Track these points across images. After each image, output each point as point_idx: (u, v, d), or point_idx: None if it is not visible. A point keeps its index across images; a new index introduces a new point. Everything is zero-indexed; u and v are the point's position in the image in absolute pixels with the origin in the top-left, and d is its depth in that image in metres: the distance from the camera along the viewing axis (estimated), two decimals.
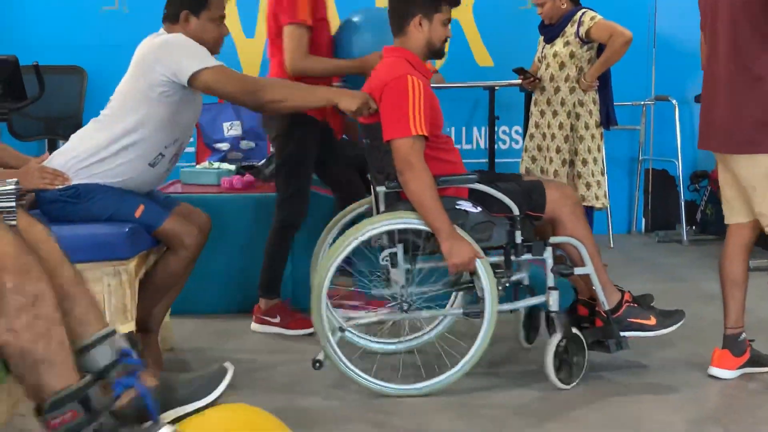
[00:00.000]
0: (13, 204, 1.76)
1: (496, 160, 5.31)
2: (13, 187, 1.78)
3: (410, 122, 2.72)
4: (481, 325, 2.84)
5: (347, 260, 2.93)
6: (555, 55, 4.38)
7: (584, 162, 4.39)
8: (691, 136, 6.32)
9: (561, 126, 4.39)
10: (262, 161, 4.31)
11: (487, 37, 5.91)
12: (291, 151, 3.51)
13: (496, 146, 5.32)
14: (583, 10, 4.35)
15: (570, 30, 4.34)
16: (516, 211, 2.85)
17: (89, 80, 5.42)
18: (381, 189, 2.88)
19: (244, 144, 4.69)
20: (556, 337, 2.88)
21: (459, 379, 2.87)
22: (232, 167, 4.30)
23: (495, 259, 2.89)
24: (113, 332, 1.86)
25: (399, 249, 2.84)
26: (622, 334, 2.94)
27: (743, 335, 3.03)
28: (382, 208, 2.92)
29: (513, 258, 2.89)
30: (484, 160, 5.44)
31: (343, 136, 4.00)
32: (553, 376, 2.87)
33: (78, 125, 5.34)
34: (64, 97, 5.28)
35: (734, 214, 3.05)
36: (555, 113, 4.41)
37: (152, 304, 2.94)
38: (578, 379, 2.91)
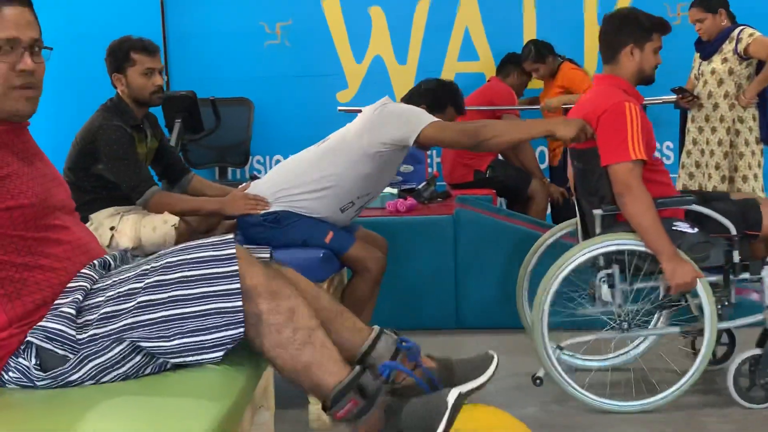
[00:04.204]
0: (268, 255, 1.97)
1: None
2: (267, 254, 1.98)
3: (629, 147, 2.80)
4: (702, 344, 2.85)
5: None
6: (713, 72, 4.39)
7: (744, 178, 4.37)
8: None
9: (720, 142, 4.39)
10: (422, 184, 4.52)
11: None
12: None
13: None
14: (742, 27, 4.34)
15: (728, 47, 4.34)
16: (734, 230, 2.86)
17: (255, 110, 5.79)
18: (598, 212, 2.94)
19: (403, 168, 4.88)
20: (743, 355, 2.86)
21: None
22: (394, 191, 4.50)
23: (713, 278, 2.91)
24: (381, 330, 2.04)
25: (615, 269, 2.90)
26: None
27: None
28: (598, 230, 2.96)
29: (731, 277, 2.90)
30: None
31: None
32: (735, 394, 2.87)
33: (246, 153, 5.75)
34: (233, 127, 5.63)
35: None
36: (714, 130, 4.42)
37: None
38: None
